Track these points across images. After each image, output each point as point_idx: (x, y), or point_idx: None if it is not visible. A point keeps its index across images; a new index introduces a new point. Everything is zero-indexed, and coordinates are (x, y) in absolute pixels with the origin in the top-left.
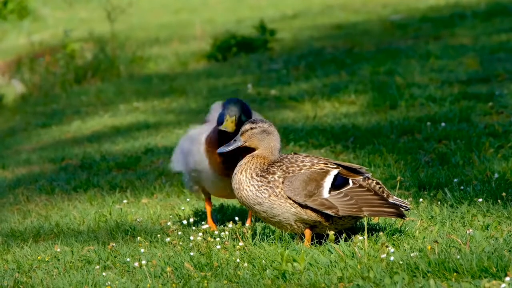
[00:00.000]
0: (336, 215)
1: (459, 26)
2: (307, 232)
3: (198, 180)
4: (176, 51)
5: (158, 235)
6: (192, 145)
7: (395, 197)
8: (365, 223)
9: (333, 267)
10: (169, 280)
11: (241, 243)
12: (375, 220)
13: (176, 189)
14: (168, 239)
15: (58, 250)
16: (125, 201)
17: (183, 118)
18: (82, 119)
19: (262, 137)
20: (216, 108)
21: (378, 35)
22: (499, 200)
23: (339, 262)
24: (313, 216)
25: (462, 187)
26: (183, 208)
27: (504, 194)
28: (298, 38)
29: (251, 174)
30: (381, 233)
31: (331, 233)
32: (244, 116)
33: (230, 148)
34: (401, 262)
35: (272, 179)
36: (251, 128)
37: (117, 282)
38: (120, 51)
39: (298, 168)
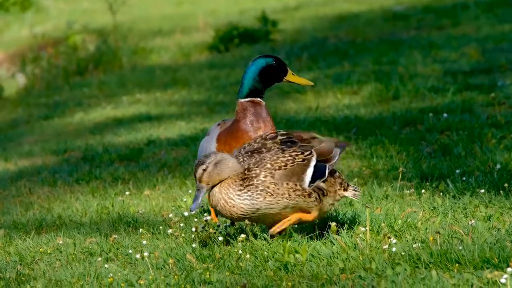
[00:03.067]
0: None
1: (462, 17)
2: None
3: None
4: (179, 43)
5: (160, 227)
6: (206, 142)
7: (351, 184)
8: (367, 214)
9: (335, 258)
10: (171, 271)
11: (243, 235)
12: (377, 211)
13: (179, 181)
14: (170, 230)
15: (61, 242)
16: (127, 193)
17: (186, 110)
18: (84, 111)
19: (219, 170)
20: (213, 129)
21: (380, 26)
22: (501, 191)
23: (341, 253)
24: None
25: (464, 178)
26: (185, 199)
27: (506, 185)
28: (300, 29)
29: (235, 194)
30: (383, 224)
31: (333, 224)
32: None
33: (199, 200)
34: (403, 253)
35: (259, 181)
36: (204, 170)
37: (119, 274)
38: (122, 42)
39: (283, 165)
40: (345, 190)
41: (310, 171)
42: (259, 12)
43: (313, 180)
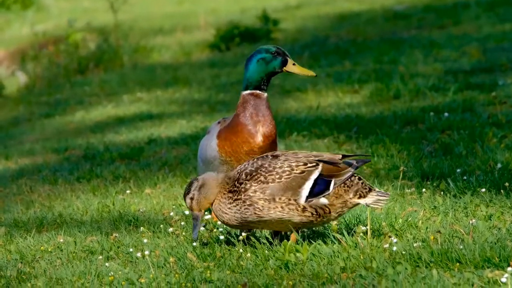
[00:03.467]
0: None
1: (463, 16)
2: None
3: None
4: (180, 41)
5: (161, 226)
6: (206, 140)
7: (377, 190)
8: (368, 213)
9: (336, 257)
10: (172, 270)
11: (243, 233)
12: (378, 210)
13: (179, 180)
14: (171, 229)
15: (61, 240)
16: (128, 191)
17: (187, 109)
18: (85, 109)
19: (205, 194)
20: (214, 127)
21: (381, 25)
22: (502, 190)
23: (342, 252)
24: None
25: (465, 177)
26: None
27: (507, 184)
28: (301, 28)
29: (226, 208)
30: (384, 223)
31: (334, 223)
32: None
33: (197, 228)
34: (404, 252)
35: (246, 196)
36: (191, 199)
37: (120, 272)
38: (123, 41)
39: (277, 176)
40: (361, 197)
41: (308, 185)
42: (260, 11)
43: (313, 194)
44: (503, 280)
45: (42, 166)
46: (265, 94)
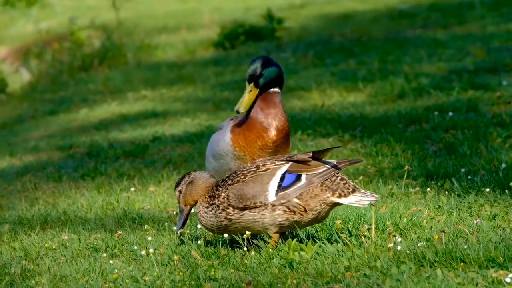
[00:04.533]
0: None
1: (467, 16)
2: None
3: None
4: (184, 39)
5: (166, 223)
6: (219, 135)
7: (362, 191)
8: (373, 212)
9: (340, 256)
10: (176, 268)
11: (248, 231)
12: (382, 209)
13: None
14: (175, 227)
15: (66, 237)
16: (132, 189)
17: (191, 107)
18: (89, 107)
19: (191, 190)
20: (226, 123)
21: (386, 24)
22: (506, 190)
23: (346, 251)
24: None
25: (469, 177)
26: None
27: (511, 184)
28: (306, 27)
29: (204, 211)
30: (388, 223)
31: (338, 222)
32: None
33: (182, 222)
34: (408, 252)
35: (220, 202)
36: (180, 191)
37: (124, 270)
38: (127, 39)
39: (242, 177)
40: (342, 196)
41: (275, 180)
42: (265, 10)
43: (282, 188)
44: (507, 280)
45: (46, 163)
46: (279, 91)
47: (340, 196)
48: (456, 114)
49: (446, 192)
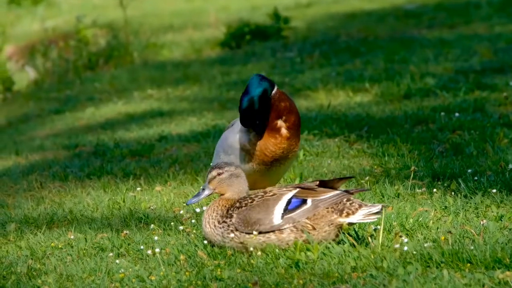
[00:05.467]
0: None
1: (474, 15)
2: None
3: None
4: (190, 38)
5: (172, 223)
6: (230, 133)
7: (368, 205)
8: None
9: (347, 257)
10: (182, 268)
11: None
12: (389, 210)
13: (190, 177)
14: (181, 227)
15: (72, 237)
16: (138, 188)
17: (197, 106)
18: (95, 105)
19: (231, 182)
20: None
21: (392, 24)
22: None
23: (353, 252)
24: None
25: (476, 178)
26: None
27: None
28: (312, 26)
29: (214, 223)
30: (394, 223)
31: (345, 223)
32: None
33: (201, 198)
34: (414, 252)
35: (231, 222)
36: (219, 174)
37: (130, 269)
38: (133, 37)
39: (250, 201)
40: (349, 215)
41: (281, 204)
42: (271, 9)
43: (288, 211)
44: None
45: (52, 162)
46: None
47: (348, 215)
48: (463, 114)
49: (453, 193)
